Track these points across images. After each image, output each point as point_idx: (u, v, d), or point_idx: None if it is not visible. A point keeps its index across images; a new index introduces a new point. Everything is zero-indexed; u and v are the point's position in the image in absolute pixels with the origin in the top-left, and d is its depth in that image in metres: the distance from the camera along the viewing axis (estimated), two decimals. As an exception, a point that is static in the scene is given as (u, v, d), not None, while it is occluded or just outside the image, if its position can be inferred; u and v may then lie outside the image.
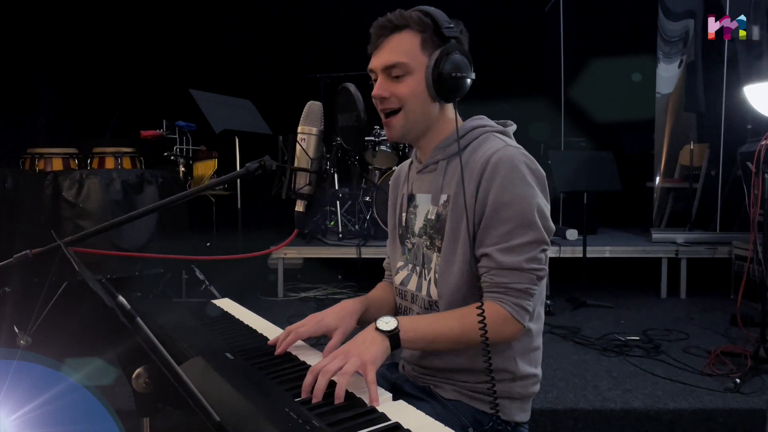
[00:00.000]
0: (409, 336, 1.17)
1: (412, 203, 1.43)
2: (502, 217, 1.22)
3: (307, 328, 1.26)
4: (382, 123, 1.32)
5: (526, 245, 1.22)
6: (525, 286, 1.23)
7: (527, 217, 1.22)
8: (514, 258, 1.21)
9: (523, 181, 1.22)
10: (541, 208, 1.24)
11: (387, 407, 0.97)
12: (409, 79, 1.27)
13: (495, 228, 1.23)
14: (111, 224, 1.22)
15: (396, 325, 1.16)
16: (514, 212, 1.21)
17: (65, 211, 3.19)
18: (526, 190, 1.22)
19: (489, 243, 1.24)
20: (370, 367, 1.06)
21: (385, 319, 1.17)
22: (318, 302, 4.39)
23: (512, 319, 1.22)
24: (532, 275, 1.23)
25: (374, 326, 1.16)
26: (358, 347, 1.11)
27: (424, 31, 1.26)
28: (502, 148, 1.25)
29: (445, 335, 1.21)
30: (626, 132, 6.01)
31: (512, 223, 1.22)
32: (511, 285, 1.22)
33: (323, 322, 1.28)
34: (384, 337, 1.14)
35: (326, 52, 5.78)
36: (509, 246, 1.22)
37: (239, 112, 3.74)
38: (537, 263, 1.24)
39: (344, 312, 1.33)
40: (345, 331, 1.28)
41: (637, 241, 4.88)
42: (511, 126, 1.39)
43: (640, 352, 3.16)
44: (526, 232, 1.22)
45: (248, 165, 1.19)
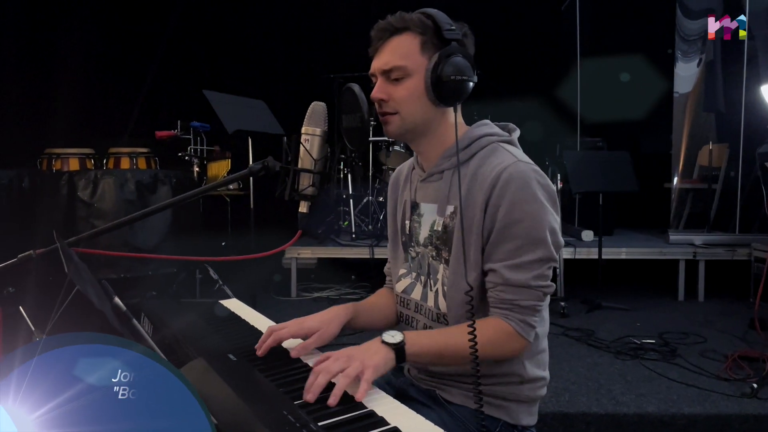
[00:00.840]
0: (414, 350, 1.16)
1: (416, 211, 1.41)
2: (511, 233, 1.21)
3: (287, 330, 1.26)
4: (381, 119, 1.31)
5: (535, 263, 1.20)
6: (531, 303, 1.21)
7: (537, 235, 1.20)
8: (521, 275, 1.20)
9: (534, 199, 1.20)
10: (551, 225, 1.22)
11: (386, 411, 0.96)
12: (407, 81, 1.25)
13: (503, 244, 1.21)
14: (114, 225, 1.22)
15: (402, 339, 1.15)
16: (523, 229, 1.20)
17: (80, 211, 3.23)
18: (536, 207, 1.20)
19: (497, 258, 1.22)
20: (371, 370, 1.05)
21: (390, 332, 1.16)
22: (330, 302, 4.36)
23: (517, 336, 1.21)
24: (539, 292, 1.22)
25: (380, 339, 1.15)
26: (362, 353, 1.11)
27: (424, 33, 1.24)
28: (512, 163, 1.23)
29: (451, 351, 1.20)
30: (643, 132, 5.93)
31: (521, 240, 1.20)
32: (517, 302, 1.21)
33: (304, 324, 1.28)
34: (390, 349, 1.13)
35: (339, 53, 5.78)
36: (517, 263, 1.20)
37: (252, 113, 3.75)
38: (544, 280, 1.22)
39: (328, 317, 1.32)
40: (323, 335, 1.27)
41: (654, 242, 4.81)
42: (515, 131, 1.37)
43: (655, 356, 3.11)
44: (535, 250, 1.20)
45: (252, 166, 1.19)
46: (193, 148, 4.21)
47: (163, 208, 1.38)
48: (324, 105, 1.20)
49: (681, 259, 4.40)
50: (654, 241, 4.89)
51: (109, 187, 3.23)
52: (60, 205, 3.25)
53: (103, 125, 4.92)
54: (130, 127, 5.21)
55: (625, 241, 4.91)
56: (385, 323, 1.49)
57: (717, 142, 5.02)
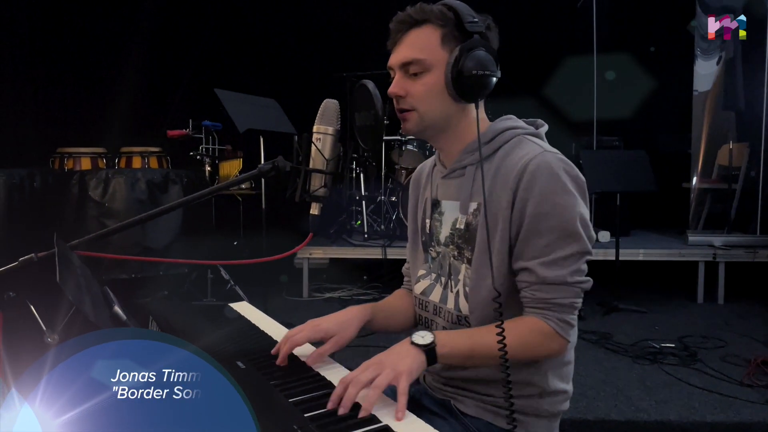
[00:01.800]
0: (445, 351, 1.11)
1: (437, 209, 1.35)
2: (542, 228, 1.15)
3: (304, 333, 1.21)
4: (398, 116, 1.26)
5: (570, 257, 1.14)
6: (570, 301, 1.16)
7: (569, 228, 1.14)
8: (557, 272, 1.14)
9: (564, 190, 1.14)
10: (583, 217, 1.16)
11: (401, 425, 0.92)
12: (427, 76, 1.19)
13: (535, 240, 1.15)
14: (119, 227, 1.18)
15: (432, 339, 1.10)
16: (555, 223, 1.14)
17: (91, 210, 3.21)
18: (567, 198, 1.14)
19: (529, 256, 1.16)
20: (405, 377, 1.01)
21: (420, 333, 1.11)
22: (342, 303, 4.35)
23: (556, 335, 1.15)
24: (577, 288, 1.16)
25: (409, 340, 1.10)
26: (392, 359, 1.06)
27: (446, 26, 1.19)
28: (539, 154, 1.17)
29: (484, 351, 1.14)
30: (661, 131, 5.83)
31: (554, 235, 1.14)
32: (555, 300, 1.15)
33: (321, 326, 1.23)
34: (420, 351, 1.08)
35: (352, 51, 5.73)
36: (552, 259, 1.14)
37: (264, 112, 3.72)
38: (581, 275, 1.16)
39: (345, 318, 1.27)
40: (340, 339, 1.22)
41: (673, 243, 4.71)
42: (542, 126, 1.30)
43: (674, 360, 3.04)
44: (569, 244, 1.14)
45: (261, 166, 1.15)
46: (205, 147, 4.18)
47: (174, 208, 1.34)
48: (336, 102, 1.15)
49: (700, 261, 4.31)
50: (672, 242, 4.79)
51: (120, 186, 3.21)
52: (71, 205, 3.23)
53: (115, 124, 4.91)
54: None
55: (643, 242, 4.82)
56: (403, 325, 1.44)
57: (737, 141, 4.91)
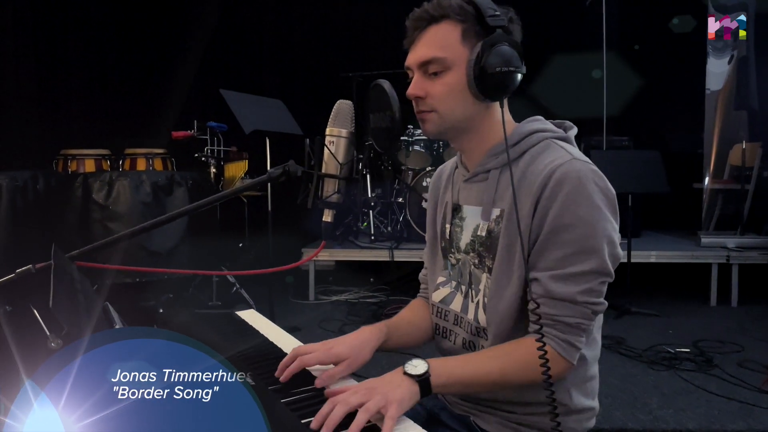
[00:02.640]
0: (441, 381, 1.05)
1: (458, 215, 1.29)
2: (560, 239, 1.08)
3: (315, 356, 1.13)
4: (417, 119, 1.19)
5: (584, 275, 1.07)
6: (576, 321, 1.08)
7: (590, 243, 1.07)
8: (567, 288, 1.07)
9: (590, 202, 1.07)
10: (609, 234, 1.09)
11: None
12: (447, 75, 1.13)
13: (550, 251, 1.09)
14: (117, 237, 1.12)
15: (426, 369, 1.03)
16: (575, 236, 1.07)
17: (95, 213, 3.16)
18: (592, 212, 1.07)
19: (542, 267, 1.09)
20: (394, 406, 0.95)
21: (414, 362, 1.05)
22: (349, 306, 4.30)
23: (558, 357, 1.08)
24: (586, 309, 1.08)
25: (402, 369, 1.04)
26: (384, 386, 1.00)
27: (466, 21, 1.12)
28: (567, 161, 1.10)
29: (482, 379, 1.09)
30: (672, 130, 5.75)
31: (571, 248, 1.07)
32: (560, 318, 1.08)
33: (333, 350, 1.15)
34: (413, 381, 1.02)
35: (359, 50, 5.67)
36: (564, 273, 1.07)
37: (270, 113, 3.66)
38: (594, 296, 1.08)
39: (358, 341, 1.19)
40: (353, 363, 1.15)
41: (685, 245, 4.63)
42: (571, 129, 1.23)
43: (691, 366, 2.97)
44: (586, 260, 1.07)
45: (270, 171, 1.09)
46: (210, 149, 4.13)
47: (182, 215, 1.29)
48: (350, 103, 1.09)
49: (713, 263, 4.23)
50: (684, 243, 4.71)
51: (124, 189, 3.16)
52: (74, 208, 3.18)
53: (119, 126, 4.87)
54: None
55: (654, 243, 4.74)
56: (422, 340, 1.37)
57: (749, 141, 4.83)
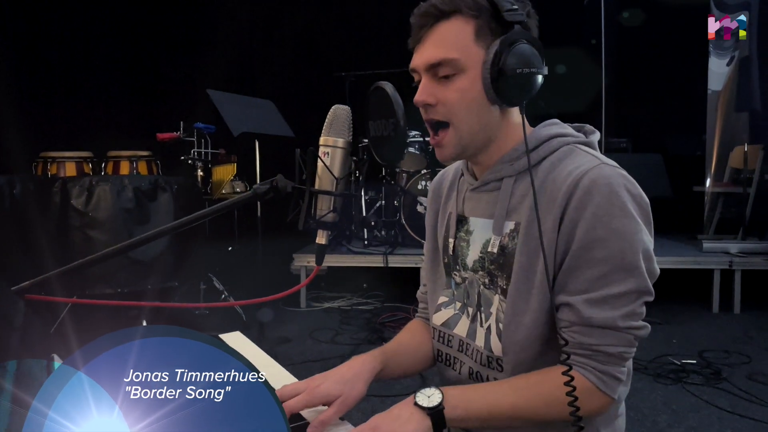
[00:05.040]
0: (457, 414, 0.92)
1: (464, 227, 1.15)
2: (594, 257, 0.94)
3: (300, 399, 0.99)
4: (431, 141, 1.05)
5: (624, 296, 0.94)
6: (619, 350, 0.95)
7: (627, 259, 0.93)
8: (607, 312, 0.93)
9: (624, 212, 0.94)
10: (646, 247, 0.96)
11: None
12: (461, 79, 0.99)
13: (583, 270, 0.95)
14: (76, 265, 0.97)
15: (440, 400, 0.91)
16: (610, 251, 0.93)
17: (74, 220, 3.00)
18: (627, 223, 0.94)
19: (574, 290, 0.96)
20: None
21: (426, 391, 0.92)
22: (342, 313, 4.17)
23: (597, 392, 0.95)
24: (629, 335, 0.95)
25: (413, 400, 0.92)
26: (390, 424, 0.89)
27: (480, 17, 0.98)
28: (595, 166, 0.97)
29: (506, 413, 0.95)
30: (671, 131, 5.65)
31: (607, 266, 0.94)
32: (599, 348, 0.94)
33: (321, 388, 1.01)
34: (424, 415, 0.90)
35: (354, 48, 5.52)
36: (602, 296, 0.94)
37: (259, 114, 3.52)
38: (636, 320, 0.95)
39: (350, 374, 1.05)
40: (346, 401, 1.01)
41: (687, 250, 4.52)
42: (593, 134, 1.10)
43: (699, 379, 2.86)
44: (626, 279, 0.93)
45: (256, 187, 0.95)
46: (197, 151, 3.97)
47: (167, 233, 1.14)
48: (348, 109, 0.95)
49: (716, 269, 4.13)
50: (685, 248, 4.60)
51: (104, 194, 3.00)
52: (52, 214, 3.01)
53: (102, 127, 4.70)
54: None
55: (655, 248, 4.58)
56: (422, 367, 1.24)
57: (750, 143, 4.73)
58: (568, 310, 0.96)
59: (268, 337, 3.48)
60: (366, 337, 3.58)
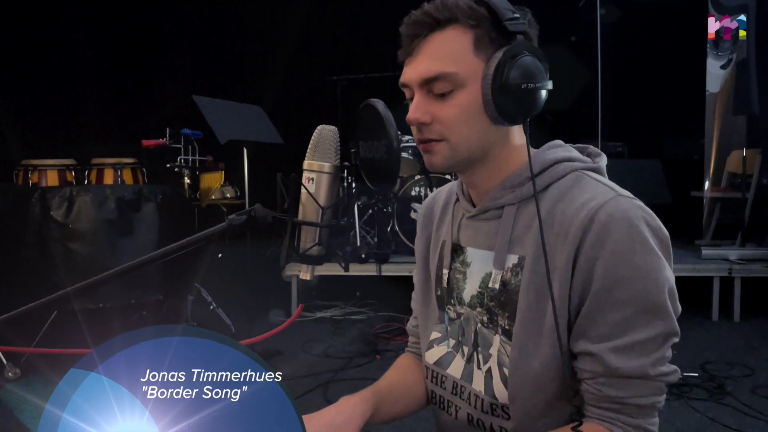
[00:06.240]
0: None
1: (459, 258, 1.04)
2: (615, 299, 0.85)
3: None
4: (420, 150, 0.95)
5: (652, 341, 0.84)
6: (651, 401, 0.86)
7: (653, 300, 0.84)
8: (635, 361, 0.84)
9: (646, 248, 0.85)
10: (671, 285, 0.87)
11: None
12: (459, 95, 0.89)
13: (605, 314, 0.85)
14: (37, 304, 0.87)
15: None
16: (634, 292, 0.84)
17: (54, 232, 2.88)
18: (650, 260, 0.85)
19: (596, 336, 0.86)
20: None
21: None
22: (334, 323, 4.07)
23: None
24: (660, 383, 0.86)
25: None
26: None
27: (478, 26, 0.89)
28: (611, 199, 0.87)
29: None
30: (668, 135, 5.58)
31: (632, 308, 0.84)
32: (630, 400, 0.85)
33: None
34: None
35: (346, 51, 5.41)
36: (628, 343, 0.84)
37: (247, 120, 3.41)
38: (665, 365, 0.86)
39: (340, 419, 0.96)
40: None
41: (685, 257, 4.44)
42: (600, 157, 1.01)
43: (702, 394, 2.77)
44: (652, 322, 0.84)
45: (233, 218, 0.85)
46: (184, 158, 3.85)
47: (155, 260, 1.06)
48: (335, 130, 0.85)
49: (715, 276, 4.05)
50: (684, 255, 4.52)
51: (85, 205, 2.88)
52: (32, 226, 2.89)
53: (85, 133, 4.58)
54: None
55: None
56: (417, 407, 1.14)
57: (748, 147, 4.66)
58: (591, 360, 0.87)
59: (259, 350, 3.37)
60: (359, 349, 3.47)
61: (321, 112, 5.11)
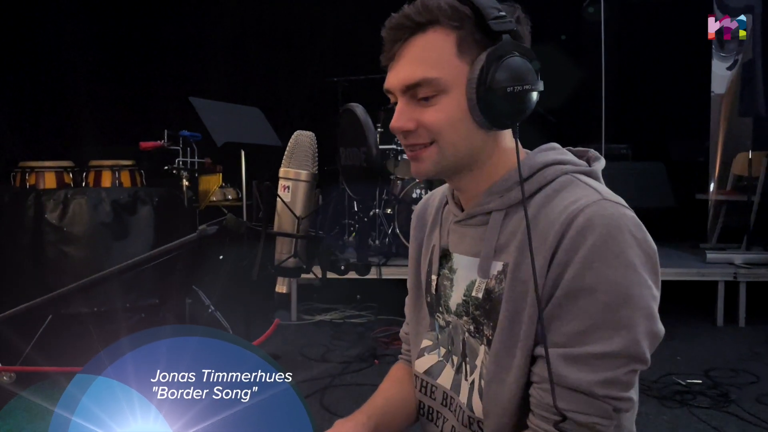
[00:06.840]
0: None
1: (447, 264, 1.01)
2: (577, 307, 0.80)
3: None
4: (407, 154, 0.92)
5: (607, 357, 0.79)
6: (591, 421, 0.80)
7: (617, 315, 0.79)
8: (581, 374, 0.79)
9: (621, 258, 0.80)
10: (647, 305, 0.81)
11: None
12: (443, 100, 0.85)
13: (564, 322, 0.81)
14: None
15: None
16: (598, 304, 0.79)
17: (49, 236, 2.85)
18: (624, 272, 0.79)
19: (551, 341, 0.82)
20: None
21: None
22: (334, 327, 4.03)
23: None
24: (606, 405, 0.80)
25: None
26: None
27: (461, 27, 0.85)
28: (594, 202, 0.83)
29: None
30: (673, 137, 5.52)
31: (591, 320, 0.80)
32: (568, 413, 0.80)
33: None
34: None
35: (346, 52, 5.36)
36: (581, 354, 0.80)
37: (246, 122, 3.38)
38: (618, 389, 0.81)
39: None
40: None
41: (690, 261, 4.38)
42: (597, 161, 0.96)
43: (706, 402, 2.72)
44: (611, 337, 0.79)
45: (202, 229, 0.81)
46: (182, 160, 3.83)
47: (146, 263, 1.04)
48: (312, 136, 0.81)
49: (720, 281, 3.99)
50: (688, 259, 4.46)
51: (80, 208, 2.85)
52: (26, 229, 2.87)
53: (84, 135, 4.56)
54: None
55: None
56: (410, 423, 1.10)
57: (754, 149, 4.60)
58: (542, 364, 0.82)
59: (256, 355, 3.34)
60: (358, 354, 3.43)
61: (321, 113, 5.07)
